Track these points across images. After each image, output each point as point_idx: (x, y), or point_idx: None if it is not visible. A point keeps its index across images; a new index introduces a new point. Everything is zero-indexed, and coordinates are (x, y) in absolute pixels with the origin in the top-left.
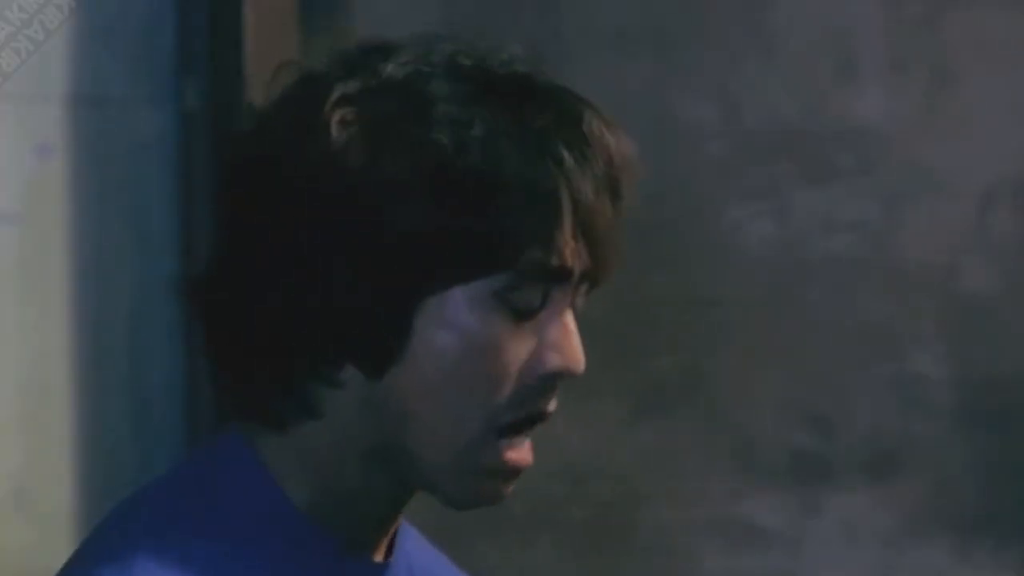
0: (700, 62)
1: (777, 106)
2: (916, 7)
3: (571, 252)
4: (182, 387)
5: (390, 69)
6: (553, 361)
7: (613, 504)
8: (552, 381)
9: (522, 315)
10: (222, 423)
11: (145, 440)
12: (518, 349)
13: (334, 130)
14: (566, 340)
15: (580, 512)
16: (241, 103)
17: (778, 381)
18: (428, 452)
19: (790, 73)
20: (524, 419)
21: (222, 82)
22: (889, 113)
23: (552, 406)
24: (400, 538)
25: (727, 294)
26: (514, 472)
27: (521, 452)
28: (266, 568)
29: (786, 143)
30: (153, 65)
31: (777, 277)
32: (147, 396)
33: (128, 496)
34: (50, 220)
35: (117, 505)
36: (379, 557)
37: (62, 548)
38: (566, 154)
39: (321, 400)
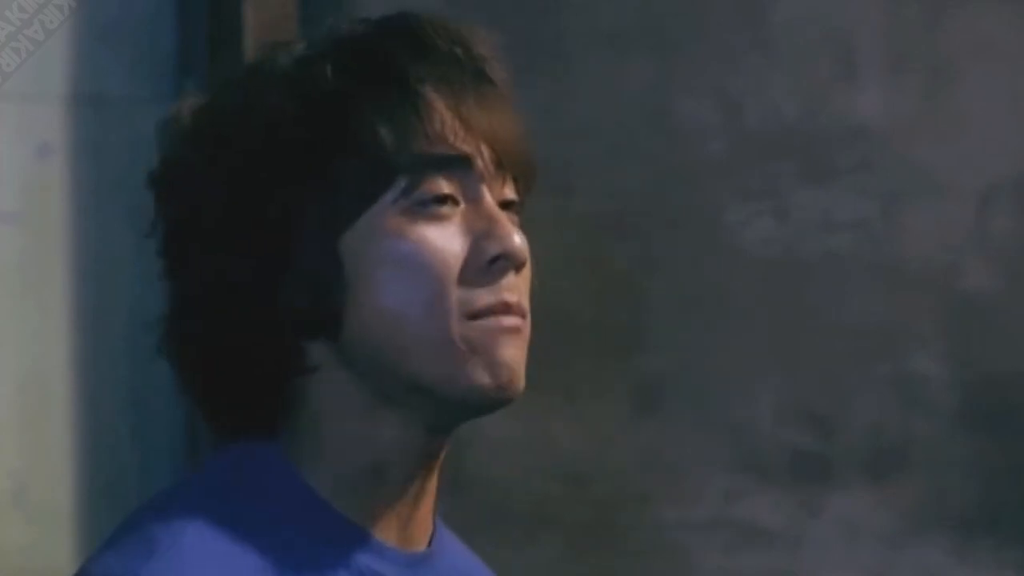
0: (700, 62)
1: (777, 106)
2: (916, 7)
3: (447, 136)
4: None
5: (255, 59)
6: (488, 248)
7: (613, 504)
8: (496, 268)
9: (436, 215)
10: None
11: (145, 440)
12: (446, 248)
13: (190, 135)
14: (493, 226)
15: (579, 512)
16: None
17: (778, 381)
18: (423, 368)
19: (790, 73)
20: (487, 308)
21: None
22: (889, 113)
23: (512, 296)
24: (440, 535)
25: (727, 294)
26: (502, 331)
27: (504, 320)
28: (293, 565)
29: (786, 143)
30: (153, 65)
31: (777, 276)
32: (147, 396)
33: (153, 496)
34: (50, 220)
35: (140, 505)
36: (419, 548)
37: (62, 548)
38: (399, 45)
39: (303, 390)
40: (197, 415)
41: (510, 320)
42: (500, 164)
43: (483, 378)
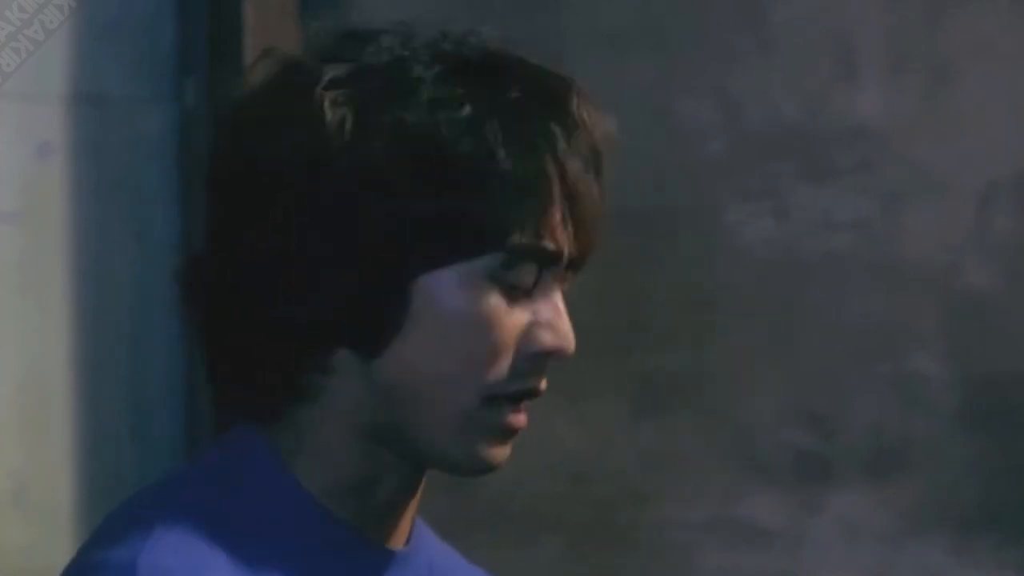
0: (700, 62)
1: (777, 106)
2: (916, 7)
3: (560, 233)
4: (182, 387)
5: (371, 54)
6: (545, 339)
7: (613, 504)
8: (543, 359)
9: (515, 294)
10: (221, 423)
11: (145, 440)
12: (510, 328)
13: (327, 112)
14: (557, 320)
15: (580, 511)
16: None
17: (778, 381)
18: (424, 425)
19: (790, 73)
20: (515, 393)
21: (222, 81)
22: (889, 113)
23: (543, 384)
24: (417, 531)
25: (727, 294)
26: (508, 433)
27: (515, 416)
28: (280, 556)
29: (786, 143)
30: (153, 64)
31: (777, 276)
32: (147, 396)
33: (137, 492)
34: (50, 219)
35: (124, 501)
36: (398, 546)
37: (61, 547)
38: (557, 134)
39: (315, 386)
40: (197, 414)
41: (519, 420)
42: (578, 262)
43: (465, 462)
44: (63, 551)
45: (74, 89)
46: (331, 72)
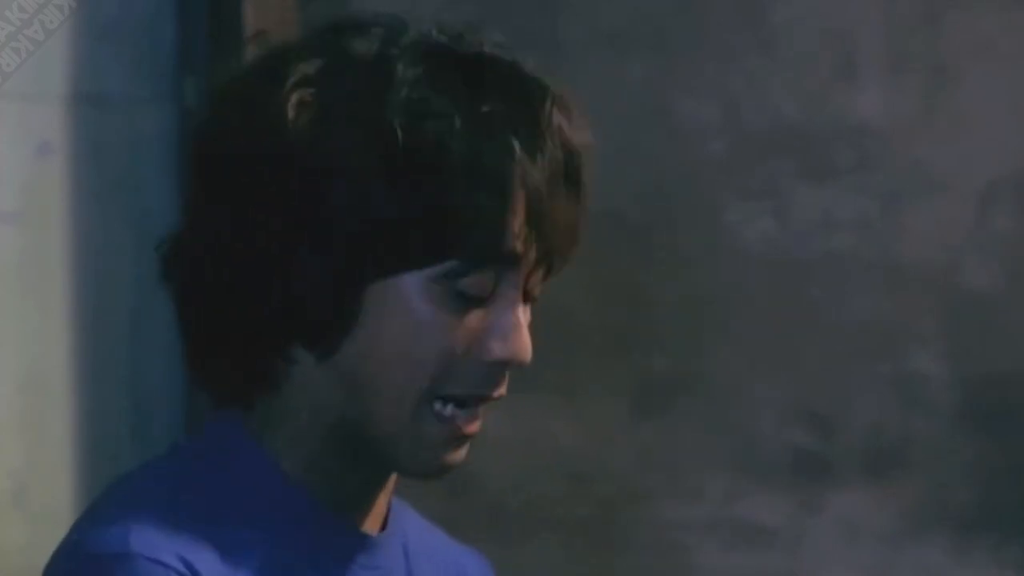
0: (700, 62)
1: (777, 105)
2: (916, 7)
3: (520, 239)
4: (182, 387)
5: (355, 48)
6: (497, 350)
7: (612, 503)
8: (496, 368)
9: (471, 302)
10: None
11: (144, 440)
12: (461, 335)
13: (290, 112)
14: (511, 330)
15: (579, 511)
16: None
17: (778, 380)
18: (376, 423)
19: (790, 73)
20: (467, 396)
21: None
22: (889, 112)
23: (499, 391)
24: (394, 514)
25: (727, 293)
26: (458, 438)
27: (466, 422)
28: (259, 532)
29: (786, 142)
30: (153, 64)
31: (777, 276)
32: (147, 396)
33: (124, 474)
34: (50, 219)
35: (112, 483)
36: (374, 530)
37: None
38: (517, 141)
39: (281, 373)
40: (197, 414)
41: (469, 427)
42: (550, 271)
43: (415, 463)
44: None
45: (74, 89)
46: (304, 68)
